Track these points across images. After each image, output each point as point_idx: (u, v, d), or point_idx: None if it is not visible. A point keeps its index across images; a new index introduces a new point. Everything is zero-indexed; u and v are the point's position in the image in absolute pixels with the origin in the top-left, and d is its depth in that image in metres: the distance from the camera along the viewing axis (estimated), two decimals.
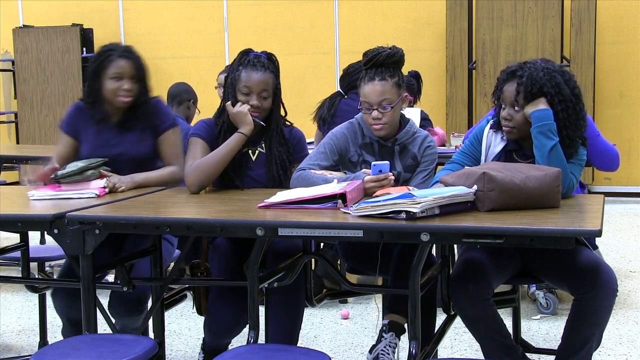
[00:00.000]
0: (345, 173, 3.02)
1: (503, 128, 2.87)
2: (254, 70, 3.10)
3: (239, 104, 3.10)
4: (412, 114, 4.60)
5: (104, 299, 3.05)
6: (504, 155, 2.91)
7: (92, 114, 3.27)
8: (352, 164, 3.07)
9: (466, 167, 2.90)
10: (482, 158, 2.94)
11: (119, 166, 3.21)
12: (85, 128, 3.29)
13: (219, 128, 3.15)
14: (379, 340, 2.89)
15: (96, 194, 2.97)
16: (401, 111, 3.10)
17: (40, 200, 2.94)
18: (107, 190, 3.05)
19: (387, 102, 2.99)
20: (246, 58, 3.15)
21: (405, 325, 2.87)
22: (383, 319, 2.96)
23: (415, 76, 5.06)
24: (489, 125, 2.97)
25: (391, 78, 3.01)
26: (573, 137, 2.79)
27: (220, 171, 3.07)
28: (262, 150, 3.18)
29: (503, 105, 2.86)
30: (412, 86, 4.94)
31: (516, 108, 2.80)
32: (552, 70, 2.78)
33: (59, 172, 3.04)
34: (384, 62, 3.02)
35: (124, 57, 3.25)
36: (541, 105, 2.75)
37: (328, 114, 4.42)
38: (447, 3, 8.21)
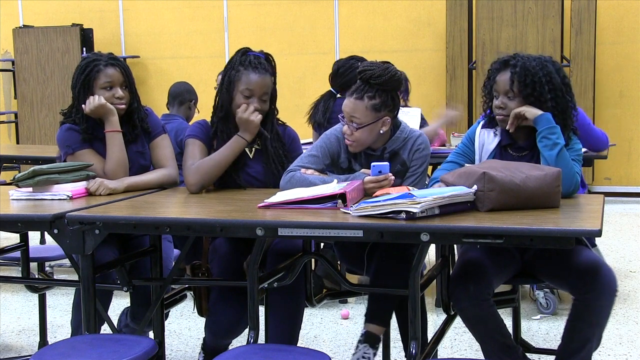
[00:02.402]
0: (327, 174, 3.01)
1: (496, 117, 2.89)
2: (256, 73, 3.10)
3: (244, 106, 3.08)
4: (413, 114, 4.61)
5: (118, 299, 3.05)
6: (499, 151, 2.92)
7: (86, 133, 3.18)
8: (343, 170, 3.06)
9: (466, 165, 2.91)
10: (477, 157, 2.96)
11: None
12: (91, 146, 3.21)
13: (214, 128, 3.16)
14: (355, 350, 2.89)
15: (68, 196, 2.94)
16: (380, 133, 2.97)
17: (18, 200, 2.96)
18: (88, 192, 3.02)
19: (355, 121, 2.94)
20: (247, 59, 3.14)
21: (382, 335, 2.90)
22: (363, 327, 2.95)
23: None
24: (480, 125, 2.99)
25: (369, 99, 2.92)
26: (564, 125, 2.83)
27: (221, 172, 3.09)
28: (258, 148, 3.19)
29: (496, 94, 2.88)
30: None
31: (509, 96, 2.84)
32: (543, 60, 2.86)
33: (17, 176, 3.00)
34: (368, 80, 2.93)
35: (111, 65, 3.17)
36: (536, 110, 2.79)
37: (324, 117, 4.41)
38: (447, 3, 8.21)
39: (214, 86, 5.23)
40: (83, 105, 3.14)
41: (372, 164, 2.82)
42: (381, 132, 2.97)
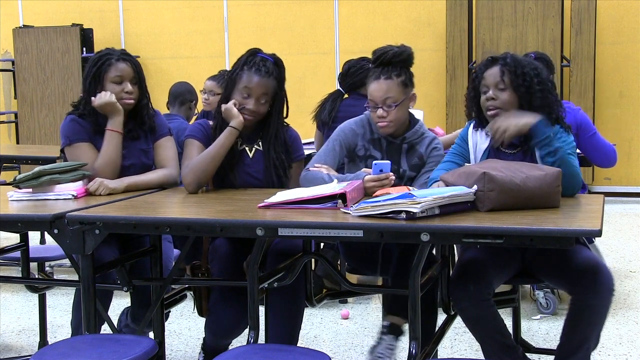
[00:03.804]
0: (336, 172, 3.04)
1: (488, 113, 2.89)
2: (257, 74, 3.09)
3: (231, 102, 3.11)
4: (416, 116, 4.60)
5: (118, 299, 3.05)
6: (492, 150, 2.93)
7: (93, 126, 3.19)
8: (359, 158, 3.09)
9: (466, 164, 2.91)
10: (471, 157, 2.97)
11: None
12: (94, 140, 3.21)
13: (214, 128, 3.16)
14: (378, 342, 2.89)
15: (73, 195, 2.94)
16: (409, 109, 3.12)
17: (19, 201, 2.94)
18: (88, 191, 3.02)
19: (391, 101, 3.03)
20: (253, 59, 3.14)
21: (405, 327, 2.88)
22: (383, 320, 2.96)
23: None
24: (472, 126, 3.00)
25: (397, 77, 3.05)
26: (549, 118, 2.84)
27: (215, 167, 3.07)
28: (258, 148, 3.18)
29: (485, 90, 2.89)
30: None
31: (500, 87, 2.85)
32: (529, 59, 2.93)
33: (18, 177, 2.99)
34: (390, 60, 3.06)
35: (123, 60, 3.20)
36: (530, 117, 2.79)
37: (329, 116, 4.41)
38: (447, 3, 8.21)
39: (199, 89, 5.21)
40: (93, 98, 3.16)
41: (374, 162, 2.84)
42: (410, 107, 3.12)
